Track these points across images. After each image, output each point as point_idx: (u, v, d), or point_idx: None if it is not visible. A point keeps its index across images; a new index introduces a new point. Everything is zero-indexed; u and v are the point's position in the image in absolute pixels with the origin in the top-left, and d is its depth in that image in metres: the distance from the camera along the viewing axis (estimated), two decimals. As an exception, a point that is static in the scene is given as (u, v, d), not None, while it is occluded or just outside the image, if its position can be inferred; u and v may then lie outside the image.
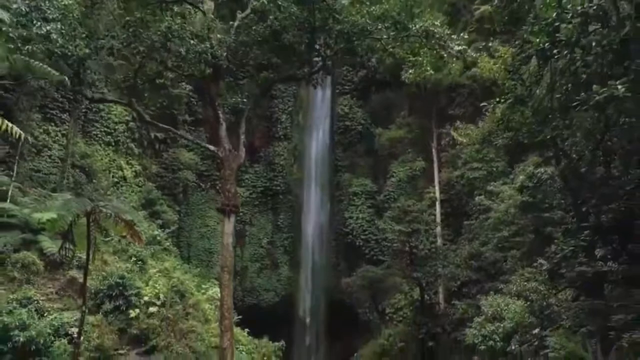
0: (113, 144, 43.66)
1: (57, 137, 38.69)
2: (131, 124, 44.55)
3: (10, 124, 10.44)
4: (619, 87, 11.92)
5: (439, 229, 42.79)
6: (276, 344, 34.89)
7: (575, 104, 13.28)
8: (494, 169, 36.99)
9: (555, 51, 14.10)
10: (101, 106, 41.80)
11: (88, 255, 18.46)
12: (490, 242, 34.08)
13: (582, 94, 13.02)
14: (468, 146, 38.01)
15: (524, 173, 25.96)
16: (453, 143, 43.35)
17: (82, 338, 22.27)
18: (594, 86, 12.32)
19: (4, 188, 30.30)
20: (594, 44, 13.01)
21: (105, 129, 43.29)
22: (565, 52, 13.61)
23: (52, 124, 38.46)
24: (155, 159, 49.38)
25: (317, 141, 55.84)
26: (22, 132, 11.42)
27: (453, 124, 43.82)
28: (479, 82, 39.89)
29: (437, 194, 44.33)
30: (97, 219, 18.67)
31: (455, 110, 45.02)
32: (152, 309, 29.00)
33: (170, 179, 49.51)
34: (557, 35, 13.84)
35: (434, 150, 45.78)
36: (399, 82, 40.61)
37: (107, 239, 33.09)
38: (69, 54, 16.97)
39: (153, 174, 48.18)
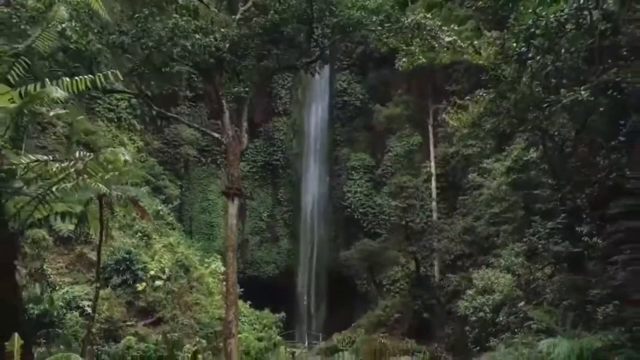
0: (116, 120, 44.33)
1: (61, 115, 39.40)
2: (133, 100, 45.18)
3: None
4: (583, 92, 13.05)
5: (434, 204, 43.90)
6: (277, 315, 36.22)
7: (545, 105, 14.38)
8: (488, 146, 37.87)
9: (530, 55, 15.14)
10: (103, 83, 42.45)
11: (101, 237, 19.61)
12: (483, 217, 35.12)
13: (552, 96, 14.11)
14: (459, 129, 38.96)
15: (512, 155, 26.90)
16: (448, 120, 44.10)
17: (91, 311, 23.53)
18: (562, 90, 13.39)
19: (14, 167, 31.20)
20: (563, 50, 14.06)
21: (108, 105, 43.95)
22: (538, 57, 14.63)
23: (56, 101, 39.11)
24: (157, 134, 50.15)
25: (316, 116, 56.62)
26: None
27: (450, 99, 44.49)
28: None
29: (433, 170, 45.35)
30: (110, 202, 19.77)
31: (452, 86, 45.52)
32: (158, 283, 30.29)
33: (172, 154, 50.36)
34: (532, 41, 14.83)
35: (430, 127, 46.64)
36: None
37: (113, 214, 34.16)
38: (83, 49, 17.99)
39: (155, 149, 48.92)
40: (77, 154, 12.02)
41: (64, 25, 16.29)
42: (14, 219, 13.54)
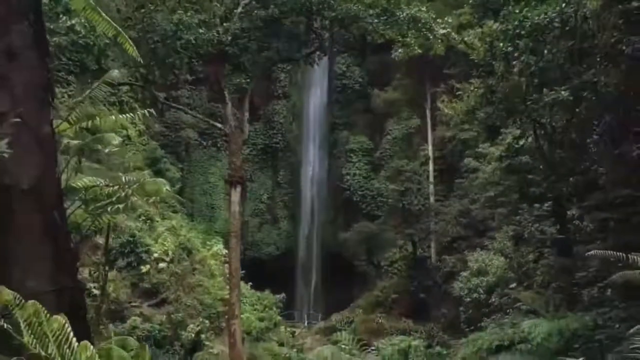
0: (117, 104, 44.62)
1: (63, 99, 39.79)
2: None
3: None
4: (563, 92, 13.81)
5: (431, 187, 44.57)
6: (277, 296, 37.06)
7: (529, 103, 15.15)
8: (484, 131, 38.45)
9: (515, 54, 15.82)
10: (105, 68, 42.78)
11: (109, 225, 20.24)
12: (479, 200, 35.84)
13: (535, 95, 14.89)
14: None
15: (505, 142, 27.55)
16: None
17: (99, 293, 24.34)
18: (544, 89, 14.13)
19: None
20: (545, 51, 14.75)
21: (110, 89, 44.25)
22: (523, 57, 15.33)
23: (58, 85, 39.41)
24: (157, 118, 50.54)
25: (315, 99, 56.98)
26: None
27: (448, 82, 44.93)
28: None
29: (431, 153, 45.98)
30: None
31: (451, 69, 45.86)
32: (161, 265, 30.97)
33: (173, 137, 50.80)
34: (517, 41, 15.49)
35: (427, 110, 47.17)
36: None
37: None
38: (91, 43, 18.67)
39: (156, 132, 49.24)
40: (123, 179, 15.27)
41: (73, 21, 16.99)
42: (75, 232, 15.34)
